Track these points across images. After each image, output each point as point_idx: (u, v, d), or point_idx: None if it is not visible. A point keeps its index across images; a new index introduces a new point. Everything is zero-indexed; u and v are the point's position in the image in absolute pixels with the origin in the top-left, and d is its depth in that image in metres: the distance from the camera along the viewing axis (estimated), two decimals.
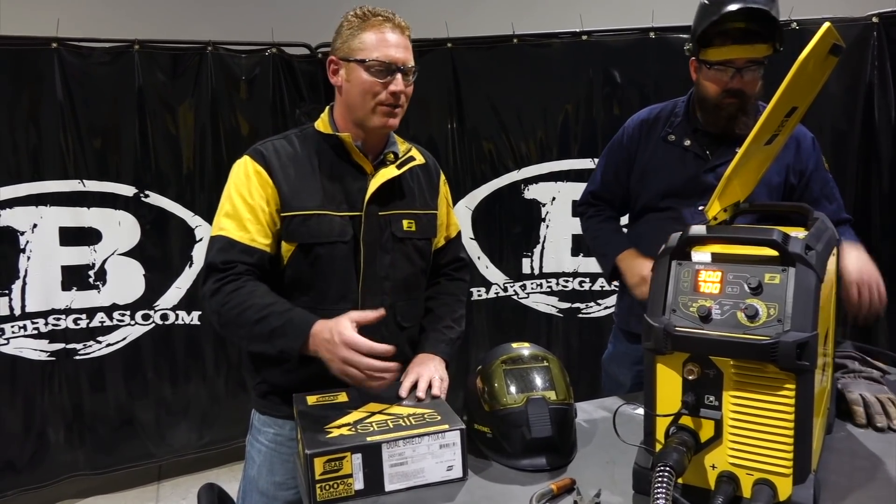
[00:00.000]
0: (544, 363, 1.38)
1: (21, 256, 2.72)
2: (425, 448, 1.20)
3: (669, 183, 1.84)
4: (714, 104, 1.74)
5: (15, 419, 2.78)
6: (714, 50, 1.69)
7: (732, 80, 1.69)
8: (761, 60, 1.68)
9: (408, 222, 1.51)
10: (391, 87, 1.40)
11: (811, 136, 1.84)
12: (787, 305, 0.98)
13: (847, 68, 2.86)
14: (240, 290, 1.36)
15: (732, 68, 1.68)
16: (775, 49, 1.67)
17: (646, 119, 1.95)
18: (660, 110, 1.94)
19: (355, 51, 1.40)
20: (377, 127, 1.44)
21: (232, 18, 3.65)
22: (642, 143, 1.91)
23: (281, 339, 1.32)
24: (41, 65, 2.69)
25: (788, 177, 1.78)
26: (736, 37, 1.66)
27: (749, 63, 1.67)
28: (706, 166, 1.79)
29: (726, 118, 1.74)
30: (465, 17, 3.66)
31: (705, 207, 1.76)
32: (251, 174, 1.42)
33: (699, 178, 1.79)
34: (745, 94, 1.70)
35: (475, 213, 3.21)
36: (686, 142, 1.83)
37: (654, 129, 1.90)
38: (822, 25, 1.00)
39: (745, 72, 1.68)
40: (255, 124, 3.06)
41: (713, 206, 1.20)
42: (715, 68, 1.70)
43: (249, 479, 1.55)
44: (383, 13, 1.42)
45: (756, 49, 1.66)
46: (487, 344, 3.22)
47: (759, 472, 1.02)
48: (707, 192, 1.77)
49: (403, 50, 1.42)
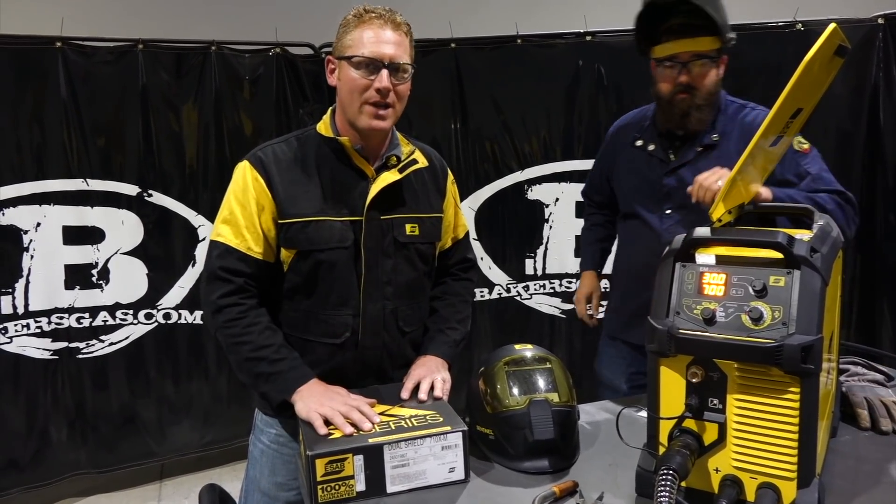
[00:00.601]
0: (547, 365, 1.37)
1: (24, 255, 2.72)
2: (427, 450, 1.19)
3: (636, 188, 1.87)
4: (667, 101, 1.75)
5: (18, 418, 2.78)
6: (659, 47, 1.71)
7: (680, 76, 1.69)
8: (708, 54, 1.67)
9: (411, 226, 1.49)
10: (376, 83, 1.37)
11: None
12: (792, 308, 0.98)
13: (852, 69, 2.86)
14: (241, 320, 1.38)
15: (679, 63, 1.69)
16: (723, 42, 1.66)
17: (622, 125, 1.99)
18: (634, 115, 1.97)
19: (346, 48, 1.39)
20: (365, 128, 1.41)
21: (236, 18, 3.65)
22: (618, 149, 1.95)
23: (266, 385, 1.38)
24: (45, 64, 2.69)
25: None
26: (678, 32, 1.67)
27: (694, 57, 1.67)
28: (667, 169, 1.79)
29: (679, 114, 1.74)
30: (469, 17, 3.65)
31: (672, 211, 1.77)
32: (249, 182, 1.42)
33: (661, 181, 1.80)
34: (695, 88, 1.70)
35: (478, 214, 3.21)
36: (651, 146, 1.84)
37: (627, 134, 1.93)
38: (827, 26, 1.00)
39: (692, 66, 1.68)
40: (258, 124, 3.05)
41: (718, 207, 1.19)
42: (663, 65, 1.72)
43: (251, 479, 1.55)
44: (379, 11, 1.40)
45: (699, 42, 1.66)
46: (490, 345, 3.21)
47: (763, 475, 1.01)
48: (670, 195, 1.78)
49: (394, 46, 1.38)
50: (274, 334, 1.41)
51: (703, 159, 1.75)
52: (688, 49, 1.67)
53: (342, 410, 1.26)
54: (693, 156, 1.76)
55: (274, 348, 1.38)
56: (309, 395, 1.33)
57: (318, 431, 1.22)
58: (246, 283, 1.41)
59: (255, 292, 1.43)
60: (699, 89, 1.70)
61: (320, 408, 1.27)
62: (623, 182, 1.94)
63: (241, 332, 1.38)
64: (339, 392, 1.35)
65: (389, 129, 1.47)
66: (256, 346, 1.37)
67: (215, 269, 1.40)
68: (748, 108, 1.79)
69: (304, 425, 1.27)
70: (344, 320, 1.45)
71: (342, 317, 1.45)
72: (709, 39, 1.65)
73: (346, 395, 1.33)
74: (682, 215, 1.78)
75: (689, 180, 1.75)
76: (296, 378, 1.36)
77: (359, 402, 1.31)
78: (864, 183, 2.96)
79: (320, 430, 1.22)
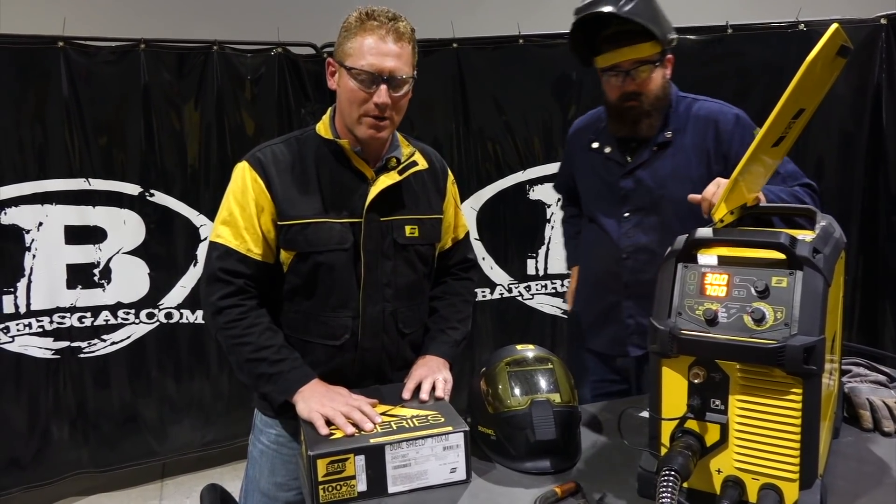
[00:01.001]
0: (549, 365, 1.37)
1: (26, 254, 2.73)
2: (429, 450, 1.19)
3: (596, 192, 1.85)
4: (616, 109, 1.73)
5: (19, 417, 2.79)
6: (600, 57, 1.69)
7: (626, 84, 1.67)
8: (650, 59, 1.65)
9: (410, 228, 1.49)
10: (375, 98, 1.34)
11: (734, 113, 1.75)
12: (795, 309, 0.98)
13: (855, 70, 2.86)
14: (241, 321, 1.38)
15: (622, 72, 1.66)
16: (664, 46, 1.64)
17: (578, 127, 1.96)
18: (589, 117, 1.94)
19: (346, 56, 1.36)
20: (363, 138, 1.41)
21: (238, 18, 3.65)
22: (576, 152, 1.93)
23: (267, 386, 1.38)
24: (47, 63, 2.69)
25: (711, 165, 1.71)
26: (616, 40, 1.65)
27: (636, 64, 1.65)
28: (623, 171, 1.78)
29: (631, 121, 1.72)
30: (471, 17, 3.65)
31: (630, 214, 1.76)
32: (248, 183, 1.41)
33: (617, 184, 1.78)
34: (641, 95, 1.68)
35: (480, 214, 3.21)
36: (607, 149, 1.82)
37: (584, 137, 1.90)
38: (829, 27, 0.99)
39: (636, 73, 1.66)
40: (260, 124, 3.05)
41: (720, 208, 1.19)
42: (608, 74, 1.70)
43: (251, 479, 1.55)
44: (383, 17, 1.35)
45: (639, 49, 1.64)
46: (491, 345, 3.21)
47: (765, 476, 1.01)
48: (628, 197, 1.77)
49: (395, 59, 1.34)
50: (275, 335, 1.41)
51: (659, 159, 1.74)
52: (628, 57, 1.65)
53: (343, 410, 1.26)
54: (648, 156, 1.75)
55: (275, 349, 1.38)
56: (311, 395, 1.33)
57: (319, 432, 1.22)
58: (246, 284, 1.41)
59: (256, 293, 1.43)
60: (646, 95, 1.68)
61: (322, 408, 1.27)
62: (583, 185, 1.93)
63: (241, 332, 1.38)
64: (340, 392, 1.35)
65: (388, 138, 1.46)
66: (257, 347, 1.37)
67: (215, 270, 1.40)
68: (698, 101, 1.77)
69: (305, 426, 1.26)
70: (343, 322, 1.45)
71: (342, 318, 1.44)
72: (648, 45, 1.63)
73: (347, 396, 1.33)
74: (640, 217, 1.76)
75: (647, 181, 1.75)
76: (297, 378, 1.36)
77: (360, 402, 1.30)
78: (867, 184, 2.96)
79: (322, 430, 1.22)
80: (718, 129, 1.72)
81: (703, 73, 2.91)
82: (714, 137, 1.72)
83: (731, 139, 1.70)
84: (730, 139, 1.71)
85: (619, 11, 1.58)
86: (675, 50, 1.73)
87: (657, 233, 1.75)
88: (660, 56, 1.67)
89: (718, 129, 1.72)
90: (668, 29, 1.66)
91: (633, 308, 1.81)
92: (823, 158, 3.01)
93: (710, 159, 1.72)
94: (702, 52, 2.97)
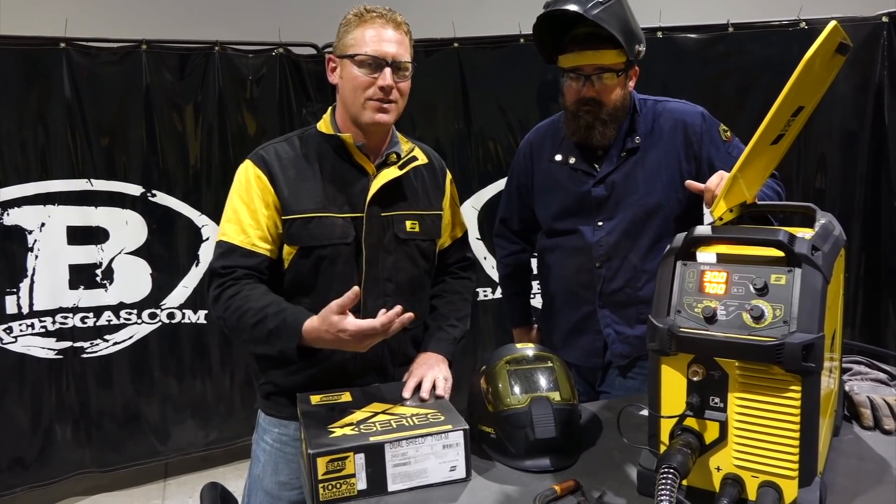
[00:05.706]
0: (548, 364, 1.37)
1: (29, 255, 2.74)
2: (428, 448, 1.19)
3: (564, 204, 1.78)
4: (571, 113, 1.69)
5: (23, 417, 2.80)
6: (563, 56, 1.66)
7: (585, 89, 1.64)
8: (613, 67, 1.62)
9: (411, 223, 1.50)
10: (380, 81, 1.39)
11: (699, 112, 1.73)
12: (793, 306, 0.98)
13: (856, 68, 2.85)
14: (237, 294, 1.38)
15: (583, 76, 1.63)
16: (630, 56, 1.61)
17: (532, 140, 1.91)
18: (545, 129, 1.89)
19: (348, 47, 1.41)
20: (369, 123, 1.43)
21: (239, 19, 3.66)
22: (535, 166, 1.87)
23: (278, 341, 1.34)
24: (49, 64, 2.70)
25: (682, 166, 1.69)
26: (582, 42, 1.62)
27: (598, 70, 1.62)
28: (594, 180, 1.73)
29: (585, 127, 1.68)
30: (472, 16, 3.65)
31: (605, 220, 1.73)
32: (252, 179, 1.43)
33: (589, 193, 1.74)
34: (599, 102, 1.64)
35: (481, 214, 3.21)
36: (571, 159, 1.77)
37: (542, 149, 1.85)
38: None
39: (597, 80, 1.62)
40: (261, 124, 3.06)
41: (719, 206, 1.19)
42: (569, 76, 1.67)
43: (254, 479, 1.56)
44: (380, 10, 1.43)
45: (604, 55, 1.60)
46: (493, 344, 3.21)
47: (764, 474, 1.01)
48: (602, 204, 1.73)
49: (395, 45, 1.41)
50: (271, 294, 1.39)
51: (629, 164, 1.71)
52: (591, 62, 1.61)
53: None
54: (618, 162, 1.72)
55: (275, 304, 1.36)
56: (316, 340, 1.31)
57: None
58: (246, 275, 1.41)
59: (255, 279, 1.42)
60: (604, 104, 1.65)
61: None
62: (547, 199, 1.84)
63: (241, 303, 1.37)
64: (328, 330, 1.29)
65: (392, 123, 1.48)
66: (258, 309, 1.35)
67: (217, 267, 1.42)
68: (660, 102, 1.75)
69: (305, 424, 1.27)
70: None
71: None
72: (614, 52, 1.59)
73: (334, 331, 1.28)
74: (614, 223, 1.72)
75: (621, 185, 1.71)
76: (294, 318, 1.33)
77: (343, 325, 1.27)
78: (869, 182, 2.95)
79: None
80: (687, 130, 1.70)
81: (704, 72, 2.90)
82: (683, 139, 1.70)
83: (701, 139, 1.69)
84: (699, 140, 1.69)
85: (587, 14, 1.54)
86: (675, 48, 1.72)
87: (630, 239, 1.72)
88: (624, 66, 1.64)
89: (687, 131, 1.70)
90: (637, 39, 1.63)
91: (609, 317, 1.75)
92: (825, 156, 3.01)
93: (681, 161, 1.70)
94: (703, 50, 2.96)
